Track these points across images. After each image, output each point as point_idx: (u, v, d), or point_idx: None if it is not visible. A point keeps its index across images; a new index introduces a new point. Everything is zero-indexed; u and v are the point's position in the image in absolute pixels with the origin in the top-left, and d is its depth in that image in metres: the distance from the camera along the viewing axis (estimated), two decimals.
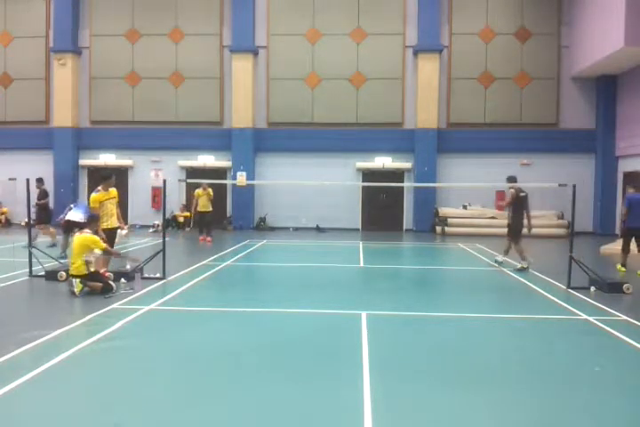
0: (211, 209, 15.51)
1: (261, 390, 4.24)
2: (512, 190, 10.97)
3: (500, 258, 11.19)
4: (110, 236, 8.84)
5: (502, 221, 18.13)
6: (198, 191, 15.42)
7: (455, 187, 19.63)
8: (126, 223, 18.57)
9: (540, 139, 18.99)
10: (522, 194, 10.87)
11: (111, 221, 8.92)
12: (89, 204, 8.92)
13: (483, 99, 19.21)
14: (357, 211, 19.77)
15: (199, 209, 15.41)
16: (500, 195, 19.10)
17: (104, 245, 7.94)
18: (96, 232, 8.28)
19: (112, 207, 8.98)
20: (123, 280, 8.42)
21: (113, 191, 9.07)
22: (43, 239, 13.24)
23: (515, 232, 10.87)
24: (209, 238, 15.10)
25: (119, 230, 9.19)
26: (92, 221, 8.35)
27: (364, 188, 19.49)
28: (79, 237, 7.88)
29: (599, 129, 18.86)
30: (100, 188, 8.93)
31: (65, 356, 4.95)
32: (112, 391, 4.23)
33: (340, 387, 4.33)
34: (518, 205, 10.84)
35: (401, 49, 19.32)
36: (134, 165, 20.12)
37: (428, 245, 15.85)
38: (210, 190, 15.47)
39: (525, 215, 10.81)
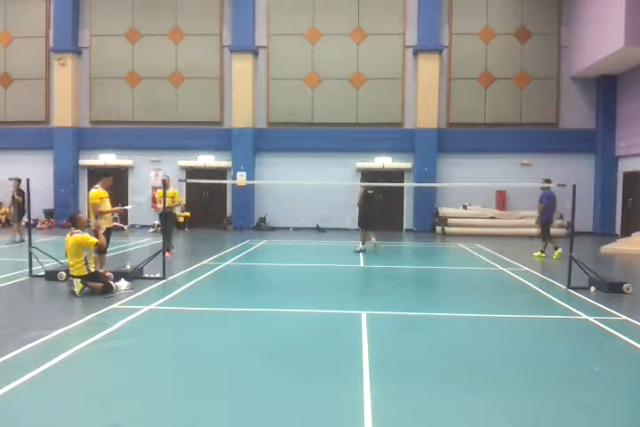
0: (174, 211, 12.27)
1: (261, 390, 4.24)
2: (362, 189, 13.56)
3: (361, 247, 13.15)
4: (109, 234, 8.91)
5: (503, 221, 18.31)
6: (159, 192, 12.46)
7: (455, 187, 19.62)
8: (126, 223, 18.78)
9: (540, 139, 18.99)
10: (369, 191, 13.59)
11: (111, 219, 9.05)
12: (90, 201, 8.84)
13: (483, 99, 19.22)
14: (357, 211, 19.70)
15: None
16: (501, 195, 19.13)
17: (94, 239, 7.89)
18: (94, 231, 8.26)
19: (109, 206, 9.03)
20: (124, 287, 8.01)
21: None
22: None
23: (364, 222, 13.35)
24: (168, 252, 11.22)
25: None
26: (77, 220, 8.05)
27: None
28: (70, 239, 7.77)
29: (599, 129, 18.86)
30: (98, 185, 8.96)
31: (65, 356, 4.95)
32: (112, 391, 4.22)
33: (340, 387, 4.33)
34: (367, 201, 13.38)
35: (401, 49, 19.32)
36: (134, 165, 20.12)
37: (428, 245, 15.86)
38: (174, 192, 12.24)
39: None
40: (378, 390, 4.24)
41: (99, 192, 8.81)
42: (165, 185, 11.52)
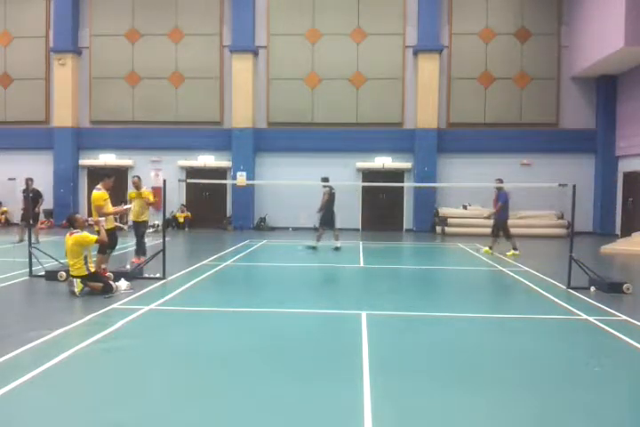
0: (145, 219, 10.95)
1: (261, 390, 4.24)
2: (327, 189, 13.38)
3: (338, 244, 13.35)
4: (113, 235, 8.90)
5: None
6: (131, 193, 11.07)
7: (455, 187, 19.62)
8: (125, 223, 18.76)
9: (540, 139, 19.00)
10: (333, 191, 13.46)
11: (113, 219, 9.05)
12: (94, 203, 8.79)
13: (483, 99, 19.22)
14: (357, 211, 19.76)
15: (131, 217, 10.98)
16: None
17: (94, 236, 7.89)
18: (97, 231, 8.27)
19: (111, 207, 9.01)
20: (124, 287, 8.01)
21: None
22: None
23: (326, 221, 13.41)
24: (136, 259, 10.56)
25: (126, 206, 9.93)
26: (75, 221, 7.98)
27: (363, 188, 19.49)
28: (70, 239, 7.75)
29: (599, 129, 18.87)
30: (99, 186, 8.91)
31: (65, 356, 4.94)
32: (112, 391, 4.22)
33: (340, 387, 4.33)
34: (330, 200, 13.35)
35: (401, 49, 19.32)
36: (134, 165, 20.11)
37: (427, 245, 15.86)
38: (146, 192, 10.89)
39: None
40: (378, 390, 4.24)
41: (102, 193, 8.76)
42: (137, 186, 10.84)
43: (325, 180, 13.51)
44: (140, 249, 10.74)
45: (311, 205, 19.13)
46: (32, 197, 13.54)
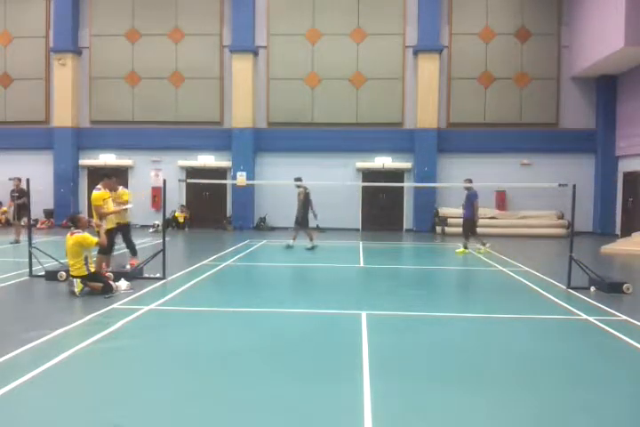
0: (127, 220, 9.97)
1: (261, 390, 4.24)
2: (302, 189, 13.51)
3: (292, 243, 13.69)
4: (112, 235, 8.89)
5: (502, 221, 18.30)
6: (105, 193, 9.20)
7: (455, 187, 19.61)
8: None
9: (540, 139, 18.99)
10: (307, 191, 13.62)
11: (112, 220, 9.03)
12: (93, 203, 8.78)
13: (483, 99, 19.22)
14: (357, 211, 19.77)
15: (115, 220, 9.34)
16: (501, 195, 19.12)
17: (95, 239, 7.90)
18: (97, 232, 8.27)
19: (112, 206, 9.01)
20: (124, 287, 7.98)
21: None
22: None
23: (303, 221, 13.60)
24: (134, 261, 9.88)
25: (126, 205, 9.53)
26: (79, 220, 8.00)
27: (363, 188, 19.49)
28: (71, 239, 7.75)
29: (599, 129, 18.86)
30: (100, 186, 8.91)
31: (65, 356, 4.95)
32: (112, 392, 4.22)
33: (340, 387, 4.33)
34: (306, 199, 13.49)
35: (401, 49, 19.32)
36: (134, 164, 20.12)
37: (427, 245, 15.85)
38: (121, 193, 9.73)
39: (310, 207, 13.67)
40: (378, 390, 4.24)
41: (102, 193, 8.76)
42: (112, 188, 9.35)
43: (298, 180, 13.58)
44: (133, 250, 10.22)
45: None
46: (18, 195, 13.96)
